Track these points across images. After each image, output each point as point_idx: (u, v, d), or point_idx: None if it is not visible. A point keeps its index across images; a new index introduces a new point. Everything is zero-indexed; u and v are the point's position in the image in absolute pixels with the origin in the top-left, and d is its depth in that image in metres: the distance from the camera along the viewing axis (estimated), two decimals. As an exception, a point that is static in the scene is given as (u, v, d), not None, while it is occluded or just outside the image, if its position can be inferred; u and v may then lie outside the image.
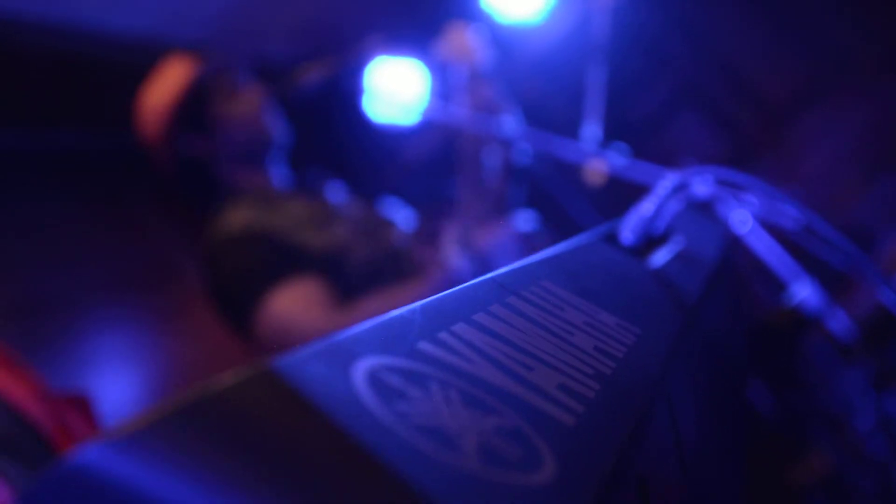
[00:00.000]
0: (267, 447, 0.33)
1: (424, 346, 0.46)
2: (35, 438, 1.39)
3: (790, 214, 1.72)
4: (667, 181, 1.06)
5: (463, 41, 2.82)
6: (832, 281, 4.80)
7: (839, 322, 2.96)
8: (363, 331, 0.45)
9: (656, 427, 0.58)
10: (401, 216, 2.94)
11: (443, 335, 0.49)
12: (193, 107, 2.69)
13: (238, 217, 2.56)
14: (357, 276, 2.49)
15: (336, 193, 2.92)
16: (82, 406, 1.63)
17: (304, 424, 0.35)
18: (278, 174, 2.82)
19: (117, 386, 4.10)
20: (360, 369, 0.40)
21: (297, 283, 2.37)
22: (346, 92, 2.90)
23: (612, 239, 1.03)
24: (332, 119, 3.18)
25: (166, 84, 2.75)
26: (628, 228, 1.04)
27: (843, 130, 5.48)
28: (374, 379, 0.40)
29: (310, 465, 0.33)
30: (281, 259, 2.42)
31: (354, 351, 0.42)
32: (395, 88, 2.91)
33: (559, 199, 2.79)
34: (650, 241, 1.08)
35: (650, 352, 0.67)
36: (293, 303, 2.34)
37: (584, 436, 0.46)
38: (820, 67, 5.54)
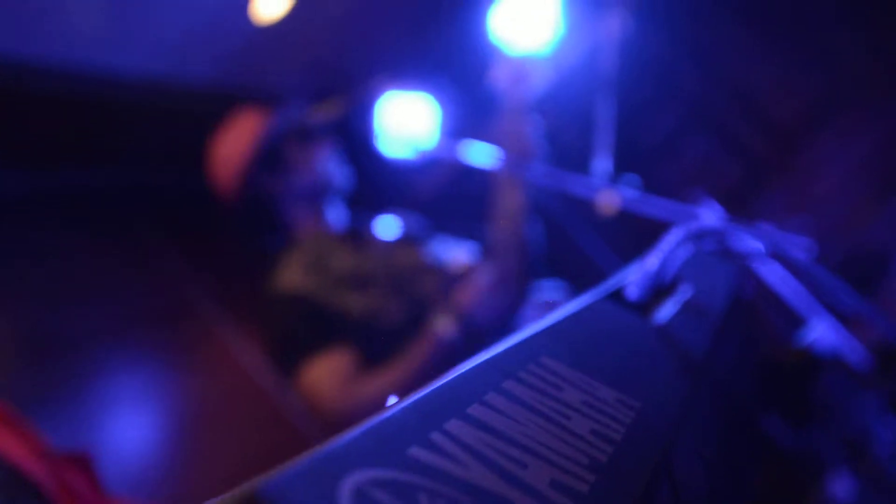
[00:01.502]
0: None
1: (416, 451, 0.46)
2: (35, 496, 1.39)
3: (800, 250, 1.72)
4: (673, 234, 1.06)
5: (518, 69, 2.87)
6: (845, 311, 4.78)
7: (854, 350, 2.95)
8: (353, 440, 0.45)
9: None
10: (451, 251, 3.08)
11: (435, 436, 0.49)
12: (268, 149, 2.94)
13: (291, 277, 2.84)
14: (388, 337, 2.71)
15: (386, 230, 3.11)
16: (83, 464, 1.63)
17: None
18: (335, 214, 3.07)
19: (130, 425, 4.10)
20: (347, 487, 0.40)
21: (331, 355, 2.64)
22: (355, 131, 2.93)
23: (617, 296, 1.02)
24: (342, 157, 3.21)
25: (244, 133, 2.98)
26: (634, 283, 1.04)
27: (855, 152, 5.46)
28: (361, 496, 0.40)
29: None
30: (321, 327, 2.70)
31: (342, 465, 0.42)
32: (405, 125, 2.93)
33: (572, 234, 2.79)
34: (657, 292, 1.08)
35: (651, 428, 0.66)
36: (324, 375, 2.63)
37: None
38: (830, 89, 5.52)
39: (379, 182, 4.43)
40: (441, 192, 3.14)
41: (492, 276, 2.71)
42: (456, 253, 3.03)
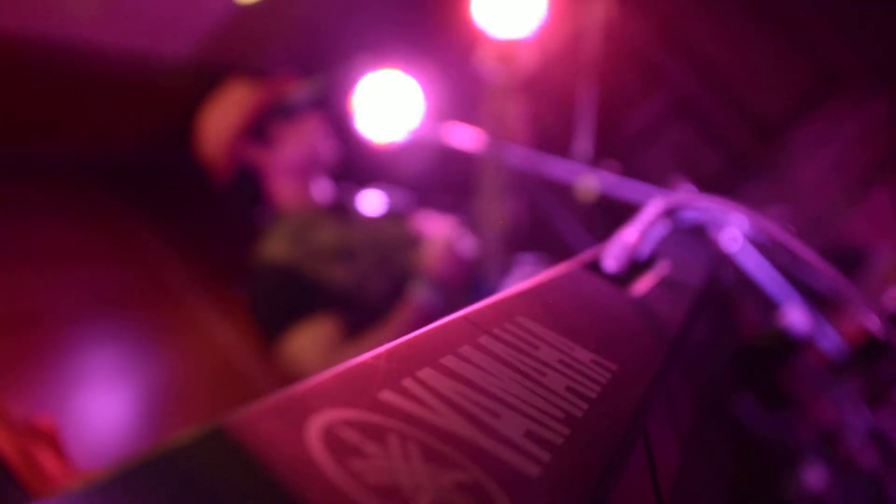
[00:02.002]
0: None
1: (387, 395, 0.45)
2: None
3: (777, 236, 1.71)
4: (651, 206, 1.05)
5: (503, 51, 2.86)
6: (822, 298, 4.80)
7: (829, 339, 2.96)
8: (322, 381, 0.44)
9: (630, 470, 0.57)
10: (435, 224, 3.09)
11: (407, 382, 0.48)
12: (256, 122, 2.96)
13: (275, 248, 2.90)
14: (372, 309, 2.77)
15: (371, 204, 3.17)
16: (49, 434, 1.62)
17: (254, 487, 0.34)
18: (320, 188, 3.09)
19: (100, 401, 4.08)
20: (316, 425, 0.39)
21: (314, 324, 2.70)
22: (335, 109, 2.93)
23: (594, 267, 1.02)
24: (329, 131, 3.20)
25: (231, 105, 2.99)
26: (611, 255, 1.03)
27: (835, 144, 5.48)
28: (330, 435, 0.39)
29: None
30: (304, 297, 2.76)
31: (312, 404, 0.41)
32: (387, 106, 2.93)
33: (550, 217, 2.78)
34: (634, 267, 1.07)
35: (626, 389, 0.66)
36: (307, 343, 2.69)
37: (548, 486, 0.44)
38: (812, 82, 5.53)
39: (362, 160, 4.42)
40: (424, 172, 3.12)
41: (472, 247, 2.77)
42: (439, 226, 3.04)
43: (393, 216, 3.14)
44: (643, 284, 1.04)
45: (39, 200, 4.37)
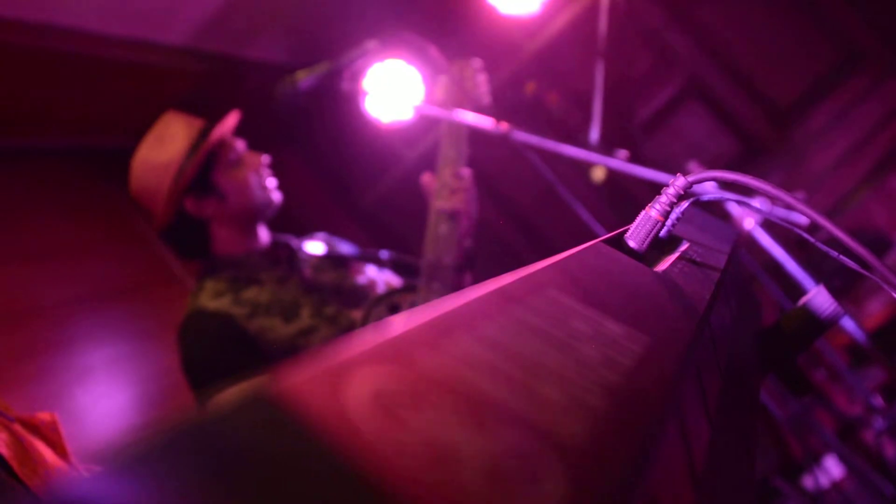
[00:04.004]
0: (262, 476, 0.31)
1: (429, 359, 0.44)
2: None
3: (799, 216, 1.70)
4: (673, 186, 1.04)
5: (465, 81, 2.90)
6: (843, 284, 4.79)
7: (851, 325, 2.95)
8: (364, 344, 0.43)
9: (667, 441, 0.56)
10: (377, 273, 3.14)
11: (448, 348, 0.47)
12: (199, 172, 2.85)
13: (214, 301, 2.81)
14: None
15: (315, 252, 3.11)
16: (49, 427, 1.62)
17: (299, 452, 0.33)
18: (264, 235, 3.03)
19: (99, 394, 4.08)
20: (360, 388, 0.38)
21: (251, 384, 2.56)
22: (341, 94, 2.91)
23: (618, 244, 1.01)
24: (327, 121, 3.18)
25: (170, 152, 2.86)
26: (634, 234, 1.02)
27: (851, 129, 5.46)
28: (376, 399, 0.38)
29: (305, 493, 0.31)
30: (242, 354, 2.69)
31: (354, 367, 0.40)
32: (391, 90, 2.93)
33: (566, 199, 2.77)
34: (657, 246, 1.06)
35: (660, 362, 0.65)
36: None
37: (595, 455, 0.43)
38: (830, 64, 5.51)
39: (362, 146, 4.39)
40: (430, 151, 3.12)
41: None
42: (385, 277, 3.09)
43: (338, 265, 3.10)
44: (666, 262, 1.04)
45: (36, 193, 4.37)
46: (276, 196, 2.98)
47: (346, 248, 3.23)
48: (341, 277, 3.02)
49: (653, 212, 1.03)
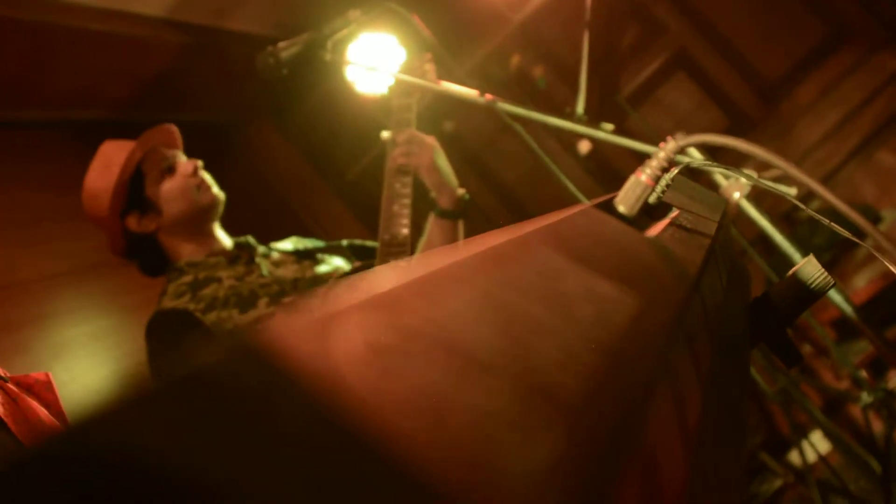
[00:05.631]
0: (250, 429, 0.30)
1: (425, 313, 0.43)
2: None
3: (790, 183, 1.70)
4: (664, 150, 1.03)
5: (423, 72, 2.94)
6: (831, 259, 4.79)
7: (838, 299, 2.95)
8: (359, 298, 0.42)
9: (660, 402, 0.55)
10: (339, 263, 3.16)
11: (444, 303, 0.46)
12: (133, 190, 2.95)
13: (172, 302, 2.87)
14: None
15: (275, 250, 3.18)
16: (44, 387, 1.62)
17: (288, 405, 0.32)
18: (219, 234, 3.10)
19: (83, 372, 4.08)
20: (355, 339, 0.37)
21: None
22: (324, 65, 2.90)
23: (607, 207, 1.00)
24: (311, 93, 3.17)
25: (106, 170, 2.92)
26: (624, 198, 1.01)
27: (839, 104, 5.47)
28: (369, 349, 0.37)
29: (296, 443, 0.30)
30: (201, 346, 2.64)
31: (344, 318, 0.39)
32: (374, 61, 2.94)
33: (551, 172, 2.77)
34: (646, 212, 1.06)
35: (652, 321, 0.64)
36: None
37: (588, 410, 0.42)
38: (816, 39, 5.51)
39: (345, 117, 4.36)
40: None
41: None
42: (343, 268, 3.12)
43: (299, 258, 3.14)
44: (657, 228, 1.03)
45: (14, 167, 4.35)
46: (211, 196, 3.03)
47: (311, 243, 3.28)
48: (303, 269, 3.06)
49: (643, 176, 1.02)
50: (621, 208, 1.00)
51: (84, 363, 4.13)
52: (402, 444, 0.32)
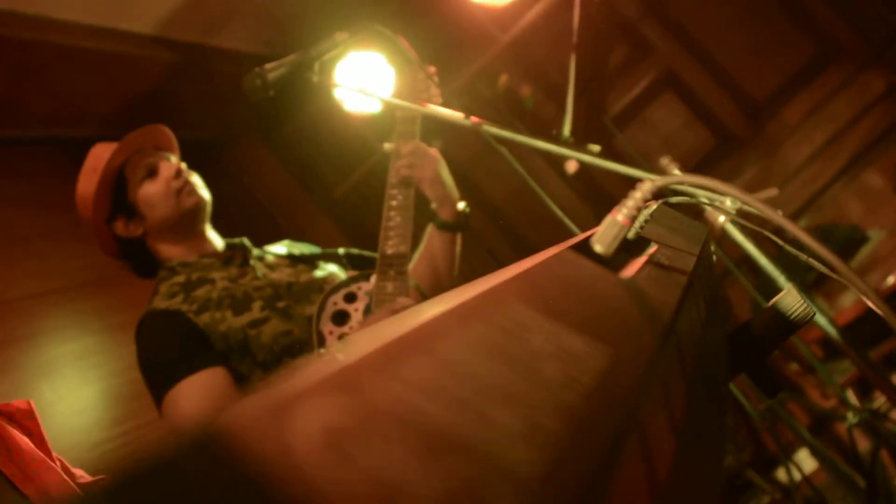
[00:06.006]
0: None
1: (379, 384, 0.43)
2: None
3: (766, 216, 1.71)
4: (640, 190, 1.04)
5: (419, 85, 2.94)
6: (817, 278, 4.80)
7: (823, 321, 2.96)
8: (312, 373, 0.42)
9: (627, 462, 0.55)
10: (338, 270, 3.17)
11: (400, 371, 0.46)
12: (118, 193, 2.95)
13: (163, 302, 2.88)
14: (263, 358, 2.77)
15: (269, 253, 3.18)
16: (25, 414, 1.62)
17: (246, 497, 0.32)
18: (211, 236, 3.10)
19: (68, 390, 4.07)
20: (310, 424, 0.37)
21: (203, 378, 2.66)
22: (311, 86, 2.90)
23: (584, 248, 1.00)
24: (299, 112, 3.17)
25: (91, 175, 2.92)
26: (601, 238, 1.02)
27: (827, 123, 5.48)
28: (326, 434, 0.37)
29: None
30: (192, 347, 2.73)
31: (300, 400, 0.39)
32: (362, 81, 2.95)
33: (537, 193, 2.78)
34: (625, 247, 1.06)
35: (622, 377, 0.64)
36: (194, 401, 2.63)
37: (549, 484, 0.43)
38: (804, 59, 5.53)
39: (333, 137, 4.35)
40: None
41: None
42: (339, 275, 3.12)
43: (293, 262, 3.15)
44: (633, 267, 1.03)
45: (8, 185, 4.35)
46: (195, 199, 3.01)
47: (307, 249, 3.27)
48: (297, 274, 3.06)
49: (619, 216, 1.02)
50: (598, 248, 1.01)
51: (70, 382, 4.13)
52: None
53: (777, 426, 3.64)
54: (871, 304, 1.11)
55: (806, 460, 4.06)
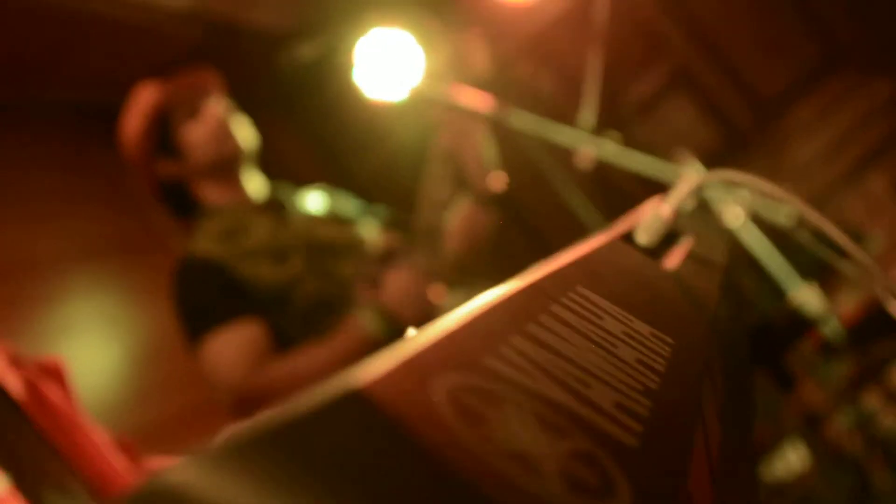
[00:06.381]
0: (356, 477, 0.31)
1: (491, 361, 0.45)
2: (7, 404, 1.38)
3: (785, 210, 1.72)
4: (686, 181, 1.06)
5: (469, 52, 2.91)
6: (822, 278, 4.82)
7: (828, 320, 2.98)
8: (434, 343, 0.44)
9: (698, 444, 0.57)
10: (374, 230, 3.11)
11: (504, 350, 0.48)
12: (161, 133, 2.90)
13: (202, 245, 2.87)
14: (300, 314, 2.74)
15: (312, 204, 3.13)
16: (56, 372, 1.62)
17: (398, 453, 0.34)
18: (254, 184, 3.04)
19: (89, 352, 4.08)
20: (439, 388, 0.39)
21: (238, 327, 2.65)
22: (340, 67, 2.90)
23: (628, 239, 1.02)
24: (324, 94, 3.16)
25: (136, 113, 2.91)
26: (644, 228, 1.03)
27: (833, 126, 5.48)
28: (455, 399, 0.39)
29: (399, 492, 0.32)
30: (230, 297, 2.72)
31: (432, 366, 0.41)
32: (389, 64, 2.92)
33: (552, 182, 2.79)
34: (665, 240, 1.08)
35: (686, 364, 0.67)
36: (229, 348, 2.62)
37: (649, 458, 0.45)
38: (816, 60, 5.53)
39: (358, 120, 4.36)
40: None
41: (418, 271, 2.71)
42: (381, 236, 3.07)
43: (333, 218, 3.11)
44: (673, 259, 1.05)
45: (34, 147, 4.35)
46: (233, 145, 2.98)
47: (346, 204, 3.23)
48: (338, 230, 3.03)
49: (665, 208, 1.04)
50: (642, 239, 1.02)
51: (91, 342, 4.14)
52: (501, 496, 0.34)
53: (770, 423, 3.65)
54: (882, 300, 1.12)
55: (799, 459, 4.07)
